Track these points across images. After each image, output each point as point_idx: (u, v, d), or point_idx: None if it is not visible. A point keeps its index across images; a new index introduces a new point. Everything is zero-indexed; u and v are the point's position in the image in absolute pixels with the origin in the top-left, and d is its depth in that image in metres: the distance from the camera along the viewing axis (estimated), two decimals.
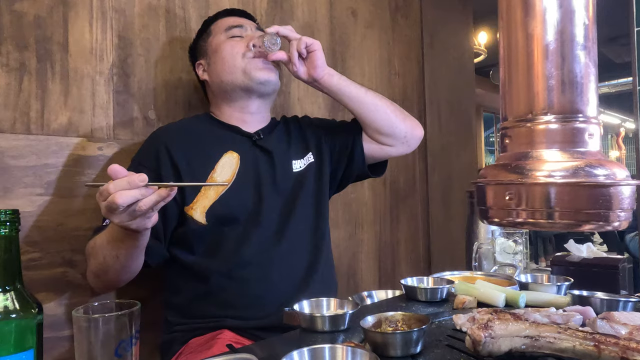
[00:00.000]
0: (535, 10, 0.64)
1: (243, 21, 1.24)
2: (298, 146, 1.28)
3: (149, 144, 1.16)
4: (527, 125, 0.66)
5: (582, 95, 0.64)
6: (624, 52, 5.56)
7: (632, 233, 5.00)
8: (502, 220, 0.67)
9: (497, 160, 0.70)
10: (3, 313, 0.59)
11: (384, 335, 0.67)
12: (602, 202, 0.60)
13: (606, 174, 0.61)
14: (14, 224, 0.62)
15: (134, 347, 0.65)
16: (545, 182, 0.61)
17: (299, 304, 0.84)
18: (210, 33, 1.24)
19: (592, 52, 0.65)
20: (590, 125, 0.64)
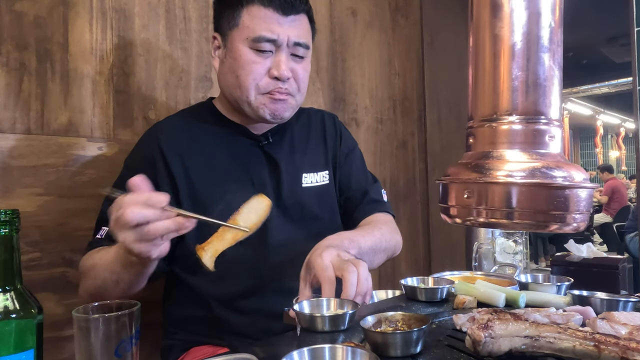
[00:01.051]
0: (503, 11, 0.65)
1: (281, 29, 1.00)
2: (316, 157, 1.16)
3: (143, 145, 1.07)
4: (491, 125, 0.66)
5: (545, 97, 0.64)
6: (624, 52, 5.57)
7: (632, 233, 5.02)
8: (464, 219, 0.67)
9: (461, 159, 0.70)
10: (3, 313, 0.59)
11: (384, 335, 0.67)
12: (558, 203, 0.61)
13: (563, 175, 0.61)
14: (14, 224, 0.62)
15: (134, 347, 0.65)
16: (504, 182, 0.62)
17: (299, 304, 0.84)
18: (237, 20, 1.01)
19: (557, 55, 0.65)
20: (552, 127, 0.65)
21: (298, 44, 1.03)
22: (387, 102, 2.10)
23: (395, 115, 2.14)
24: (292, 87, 1.05)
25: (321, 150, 1.20)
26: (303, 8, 1.04)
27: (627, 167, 11.31)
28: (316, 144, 1.20)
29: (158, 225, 0.72)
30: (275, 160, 1.10)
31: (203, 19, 1.41)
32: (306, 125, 1.20)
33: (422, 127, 2.29)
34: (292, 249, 1.05)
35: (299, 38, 1.02)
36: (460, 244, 1.69)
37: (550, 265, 1.28)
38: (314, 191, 1.14)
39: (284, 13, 1.00)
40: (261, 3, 1.00)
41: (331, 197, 1.18)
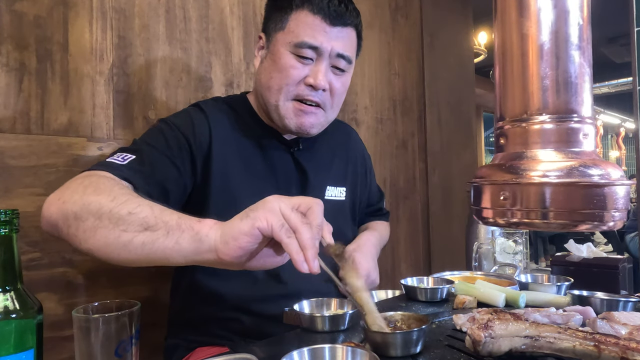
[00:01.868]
0: (530, 10, 0.65)
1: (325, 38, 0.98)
2: (338, 172, 1.18)
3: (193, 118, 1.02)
4: (522, 125, 0.66)
5: (577, 96, 0.64)
6: (624, 52, 5.57)
7: (632, 233, 5.01)
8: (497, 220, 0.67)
9: (492, 160, 0.70)
10: (3, 313, 0.59)
11: (383, 335, 0.67)
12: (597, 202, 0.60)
13: (600, 174, 0.61)
14: (14, 224, 0.62)
15: (134, 347, 0.65)
16: (540, 182, 0.61)
17: (299, 304, 0.84)
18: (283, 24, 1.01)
19: (587, 52, 0.65)
20: (585, 125, 0.64)
21: (341, 55, 1.01)
22: (387, 102, 2.10)
23: (395, 115, 2.14)
24: (325, 100, 1.02)
25: (343, 166, 1.21)
26: (352, 22, 1.03)
27: (627, 167, 11.31)
28: (340, 159, 1.20)
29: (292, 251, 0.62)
30: (304, 169, 1.10)
31: (203, 19, 1.41)
32: (333, 138, 1.20)
33: (422, 127, 2.29)
34: None
35: (342, 50, 1.01)
36: (460, 244, 1.69)
37: (550, 265, 1.28)
38: (333, 205, 1.14)
39: (331, 23, 0.99)
40: (310, 10, 0.99)
41: (344, 214, 1.20)
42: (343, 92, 1.07)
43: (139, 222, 0.70)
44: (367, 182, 1.31)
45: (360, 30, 1.08)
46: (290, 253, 0.63)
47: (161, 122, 1.02)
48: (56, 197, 0.80)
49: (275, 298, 1.01)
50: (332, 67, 1.02)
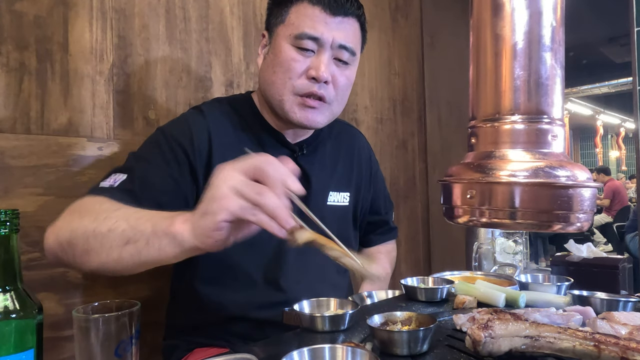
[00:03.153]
0: (504, 10, 0.65)
1: (326, 28, 0.96)
2: (342, 177, 1.15)
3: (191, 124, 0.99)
4: (493, 124, 0.66)
5: (547, 97, 0.64)
6: (624, 52, 5.57)
7: (632, 233, 5.01)
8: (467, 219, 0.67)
9: (464, 159, 0.70)
10: (3, 313, 0.59)
11: (390, 333, 0.67)
12: (562, 203, 0.61)
13: (567, 175, 0.61)
14: (14, 224, 0.62)
15: (134, 347, 0.65)
16: (507, 182, 0.62)
17: (299, 304, 0.84)
18: (283, 17, 0.99)
19: (559, 54, 0.65)
20: (555, 126, 0.65)
21: (343, 46, 0.98)
22: (387, 102, 2.10)
23: (395, 115, 2.14)
24: (329, 94, 1.00)
25: (347, 171, 1.18)
26: (354, 12, 1.01)
27: (627, 167, 11.31)
28: (344, 164, 1.18)
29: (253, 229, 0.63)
30: (307, 174, 1.07)
31: (203, 19, 1.41)
32: (338, 141, 1.18)
33: (422, 127, 2.29)
34: (307, 264, 1.05)
35: (344, 41, 0.98)
36: (460, 244, 1.69)
37: (550, 265, 1.28)
38: (335, 210, 1.13)
39: (332, 13, 0.97)
40: (309, 1, 0.97)
41: (347, 219, 1.18)
42: (348, 86, 1.04)
43: (119, 237, 0.72)
44: (370, 187, 1.27)
45: (363, 22, 1.06)
46: (262, 227, 0.62)
47: (159, 133, 1.00)
48: (52, 229, 0.83)
49: (274, 305, 1.00)
50: (335, 59, 1.00)
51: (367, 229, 1.32)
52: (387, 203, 1.38)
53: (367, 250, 1.35)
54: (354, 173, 1.20)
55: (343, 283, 1.17)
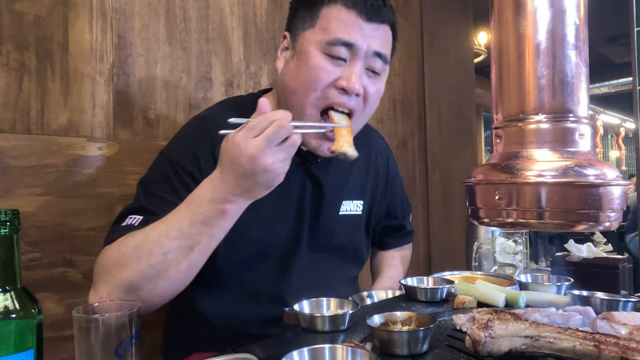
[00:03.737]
0: (527, 9, 0.64)
1: (361, 34, 0.89)
2: (356, 184, 1.11)
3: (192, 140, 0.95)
4: (518, 124, 0.66)
5: (573, 95, 0.64)
6: (624, 52, 5.57)
7: (631, 233, 5.01)
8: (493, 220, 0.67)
9: (488, 159, 0.70)
10: (3, 313, 0.59)
11: (390, 333, 0.67)
12: (592, 202, 0.60)
13: (596, 174, 0.60)
14: (14, 224, 0.62)
15: (134, 347, 0.65)
16: (535, 182, 0.61)
17: (299, 304, 0.84)
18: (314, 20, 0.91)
19: (583, 52, 0.65)
20: (581, 125, 0.64)
21: (378, 54, 0.91)
22: (387, 102, 2.10)
23: (395, 115, 2.14)
24: (358, 107, 0.92)
25: (362, 178, 1.13)
26: (389, 18, 0.94)
27: (627, 167, 11.31)
28: (359, 171, 1.13)
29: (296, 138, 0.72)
30: (320, 183, 1.03)
31: (203, 19, 1.41)
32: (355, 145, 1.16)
33: (422, 127, 2.29)
34: (313, 276, 1.03)
35: (380, 48, 0.91)
36: (460, 244, 1.69)
37: (550, 265, 1.28)
38: (347, 220, 1.10)
39: (368, 18, 0.90)
40: (344, 4, 0.89)
41: (359, 228, 1.15)
42: (377, 98, 0.97)
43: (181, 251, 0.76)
44: (387, 192, 1.23)
45: (396, 30, 0.98)
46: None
47: (165, 162, 0.94)
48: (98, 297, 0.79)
49: (277, 320, 0.97)
50: (366, 69, 0.92)
51: (383, 233, 1.29)
52: (405, 206, 1.35)
53: (382, 253, 1.32)
54: (369, 180, 1.15)
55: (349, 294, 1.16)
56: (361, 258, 1.19)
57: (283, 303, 0.98)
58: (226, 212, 0.75)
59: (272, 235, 0.95)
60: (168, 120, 1.31)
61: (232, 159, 0.72)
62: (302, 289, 0.99)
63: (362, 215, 1.14)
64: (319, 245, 1.05)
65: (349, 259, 1.13)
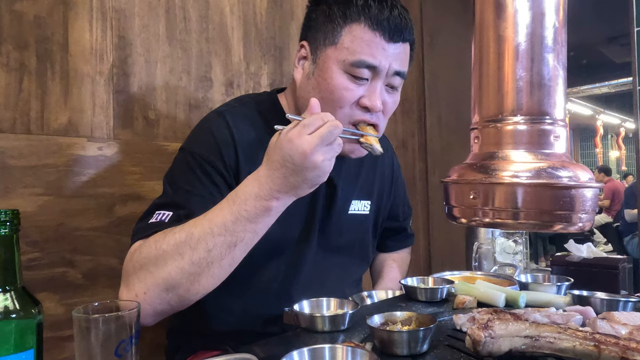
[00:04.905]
0: (507, 12, 0.65)
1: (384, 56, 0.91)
2: (365, 185, 1.13)
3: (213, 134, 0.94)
4: (496, 125, 0.66)
5: (550, 97, 0.65)
6: (624, 52, 5.57)
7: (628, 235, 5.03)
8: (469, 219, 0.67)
9: (466, 159, 0.71)
10: (3, 313, 0.59)
11: (390, 333, 0.67)
12: (564, 203, 0.61)
13: (569, 175, 0.61)
14: (14, 224, 0.62)
15: (134, 347, 0.65)
16: (510, 182, 0.62)
17: (299, 304, 0.84)
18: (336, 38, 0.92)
19: (561, 55, 0.65)
20: (557, 127, 0.65)
21: (397, 73, 0.94)
22: None
23: (395, 115, 2.14)
24: (379, 120, 0.96)
25: (370, 178, 1.16)
26: (409, 37, 0.97)
27: (627, 167, 11.31)
28: (367, 171, 1.15)
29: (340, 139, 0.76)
30: (333, 183, 1.04)
31: (203, 19, 1.41)
32: None
33: (422, 127, 2.29)
34: (322, 275, 1.05)
35: (400, 67, 0.94)
36: (460, 244, 1.69)
37: (550, 265, 1.28)
38: (356, 220, 1.11)
39: (390, 39, 0.91)
40: (367, 24, 0.90)
41: (366, 228, 1.16)
42: (393, 109, 1.00)
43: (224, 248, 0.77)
44: (391, 194, 1.24)
45: (414, 46, 1.01)
46: None
47: (187, 155, 0.94)
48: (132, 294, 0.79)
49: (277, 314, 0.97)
50: (385, 85, 0.96)
51: (384, 235, 1.30)
52: (406, 209, 1.36)
53: (382, 256, 1.33)
54: (376, 180, 1.17)
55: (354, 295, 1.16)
56: (367, 258, 1.20)
57: (291, 300, 0.97)
58: (271, 208, 0.77)
59: (283, 232, 0.95)
60: (168, 120, 1.31)
61: (284, 155, 0.74)
62: (310, 287, 1.00)
63: (369, 215, 1.15)
64: (328, 243, 1.06)
65: (357, 258, 1.14)
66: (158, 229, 0.83)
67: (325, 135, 0.74)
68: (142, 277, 0.78)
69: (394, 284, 1.21)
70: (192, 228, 0.78)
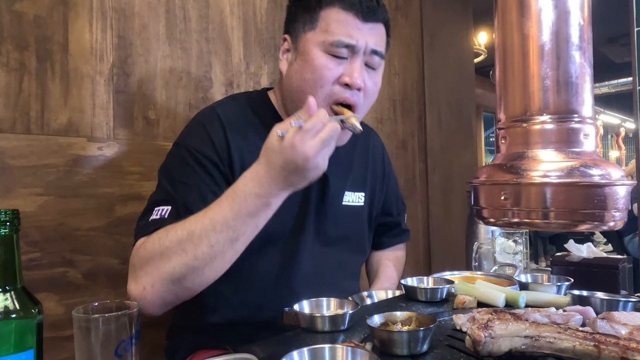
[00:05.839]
0: (531, 10, 0.65)
1: (360, 34, 0.96)
2: (357, 178, 1.16)
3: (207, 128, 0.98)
4: (522, 125, 0.66)
5: (578, 96, 0.64)
6: (624, 52, 5.56)
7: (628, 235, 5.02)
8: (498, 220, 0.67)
9: (493, 160, 0.70)
10: (3, 313, 0.59)
11: (390, 333, 0.67)
12: (597, 202, 0.60)
13: (601, 174, 0.61)
14: (14, 224, 0.62)
15: (134, 347, 0.65)
16: (541, 182, 0.61)
17: (299, 304, 0.84)
18: (314, 23, 0.97)
19: (588, 53, 0.65)
20: (586, 125, 0.64)
21: (375, 51, 0.99)
22: (387, 102, 2.10)
23: (395, 115, 2.14)
24: (360, 101, 0.99)
25: (362, 171, 1.18)
26: (384, 17, 1.01)
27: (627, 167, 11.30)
28: (359, 164, 1.18)
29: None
30: (324, 174, 1.05)
31: (203, 19, 1.41)
32: (353, 141, 1.14)
33: (422, 127, 2.29)
34: (320, 265, 1.06)
35: (376, 46, 0.99)
36: (460, 244, 1.69)
37: (550, 265, 1.28)
38: (350, 211, 1.14)
39: (364, 19, 0.97)
40: (341, 7, 0.96)
41: (362, 219, 1.18)
42: (375, 92, 1.03)
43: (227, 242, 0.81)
44: (383, 188, 1.27)
45: (389, 27, 1.05)
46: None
47: (182, 149, 0.97)
48: (139, 286, 0.83)
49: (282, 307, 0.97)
50: (365, 65, 0.99)
51: (378, 231, 1.30)
52: (400, 204, 1.37)
53: (377, 255, 1.33)
54: (368, 173, 1.20)
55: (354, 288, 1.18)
56: (364, 250, 1.21)
57: (290, 290, 1.01)
58: (271, 204, 0.81)
59: (278, 223, 0.96)
60: (168, 120, 1.31)
61: (286, 159, 0.77)
62: (308, 278, 1.03)
63: (364, 207, 1.17)
64: (324, 234, 1.08)
65: (354, 251, 1.16)
66: (159, 225, 0.86)
67: (326, 140, 0.78)
68: (148, 271, 0.82)
69: (390, 282, 1.22)
70: (193, 225, 0.81)
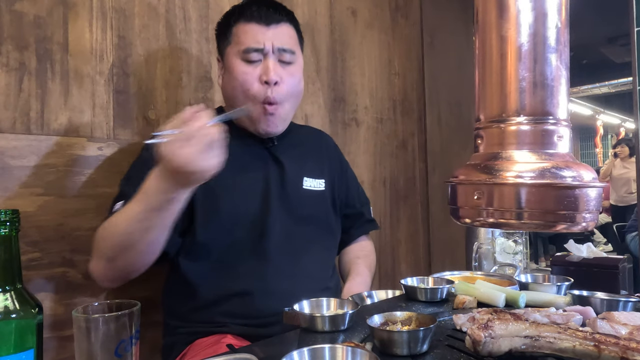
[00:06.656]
0: (509, 12, 0.65)
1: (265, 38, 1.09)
2: (314, 167, 1.25)
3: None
4: (499, 126, 0.66)
5: (553, 98, 0.65)
6: (624, 52, 5.57)
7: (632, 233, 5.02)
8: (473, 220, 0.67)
9: (470, 160, 0.71)
10: (3, 313, 0.59)
11: (390, 333, 0.67)
12: (568, 203, 0.61)
13: (573, 175, 0.61)
14: (14, 224, 0.62)
15: (134, 347, 0.65)
16: (514, 183, 0.62)
17: (299, 304, 0.84)
18: (229, 39, 1.13)
19: (564, 55, 0.66)
20: (560, 127, 0.65)
21: (282, 49, 1.11)
22: (387, 102, 2.10)
23: (395, 115, 2.14)
24: (280, 94, 1.11)
25: (319, 163, 1.27)
26: (284, 17, 1.14)
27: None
28: (314, 156, 1.28)
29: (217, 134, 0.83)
30: (280, 161, 1.18)
31: (203, 19, 1.41)
32: (305, 138, 1.30)
33: (422, 127, 2.29)
34: (291, 243, 1.13)
35: (282, 44, 1.11)
36: (460, 244, 1.69)
37: (550, 265, 1.28)
38: (312, 194, 1.22)
39: (266, 24, 1.10)
40: (245, 19, 1.11)
41: (325, 203, 1.26)
42: (294, 83, 1.14)
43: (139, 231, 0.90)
44: (342, 181, 1.34)
45: (296, 23, 1.18)
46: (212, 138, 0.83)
47: (141, 150, 1.11)
48: (92, 265, 1.00)
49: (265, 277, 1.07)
50: (279, 61, 1.12)
51: (346, 224, 1.35)
52: (363, 198, 1.44)
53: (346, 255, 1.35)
54: (325, 166, 1.28)
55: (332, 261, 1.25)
56: (332, 229, 1.27)
57: (267, 259, 1.08)
58: (173, 199, 0.88)
59: (242, 206, 1.11)
60: (168, 120, 1.31)
61: (172, 165, 0.82)
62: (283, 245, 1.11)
63: (325, 191, 1.25)
64: (290, 213, 1.15)
65: (322, 229, 1.23)
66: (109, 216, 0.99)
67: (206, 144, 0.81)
68: (93, 253, 0.98)
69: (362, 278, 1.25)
70: (118, 216, 0.94)
